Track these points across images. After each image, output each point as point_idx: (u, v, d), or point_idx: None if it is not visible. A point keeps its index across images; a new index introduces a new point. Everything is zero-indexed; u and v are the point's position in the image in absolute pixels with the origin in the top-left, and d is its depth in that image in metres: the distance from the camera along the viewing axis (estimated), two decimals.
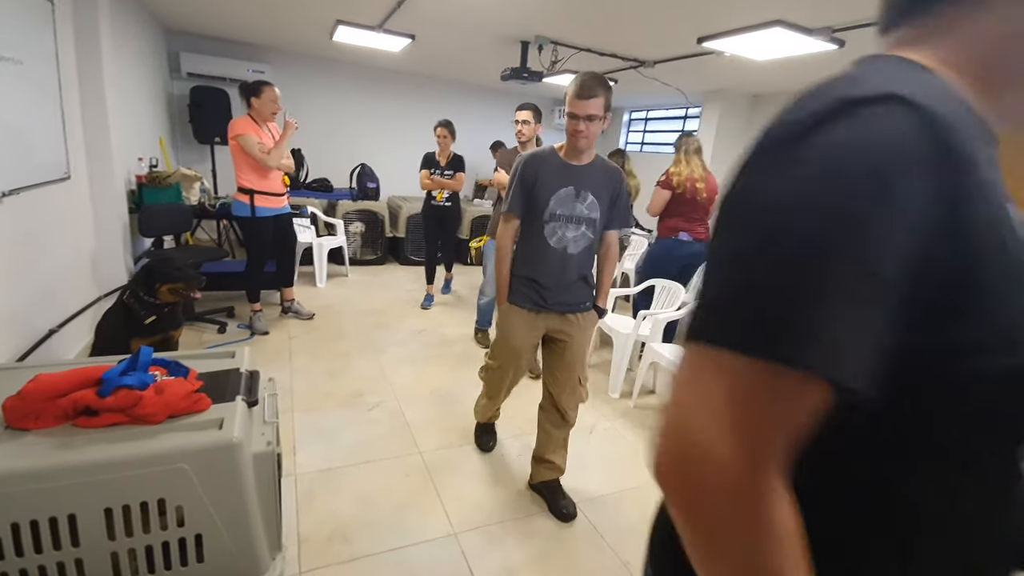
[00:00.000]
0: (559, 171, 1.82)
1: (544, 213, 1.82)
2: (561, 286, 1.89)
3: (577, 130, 1.72)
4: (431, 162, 4.07)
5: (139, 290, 2.12)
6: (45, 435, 1.07)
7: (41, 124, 2.46)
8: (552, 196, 1.80)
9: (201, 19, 4.53)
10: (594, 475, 2.34)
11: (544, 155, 1.85)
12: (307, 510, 1.94)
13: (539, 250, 1.86)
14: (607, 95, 1.69)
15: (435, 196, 4.10)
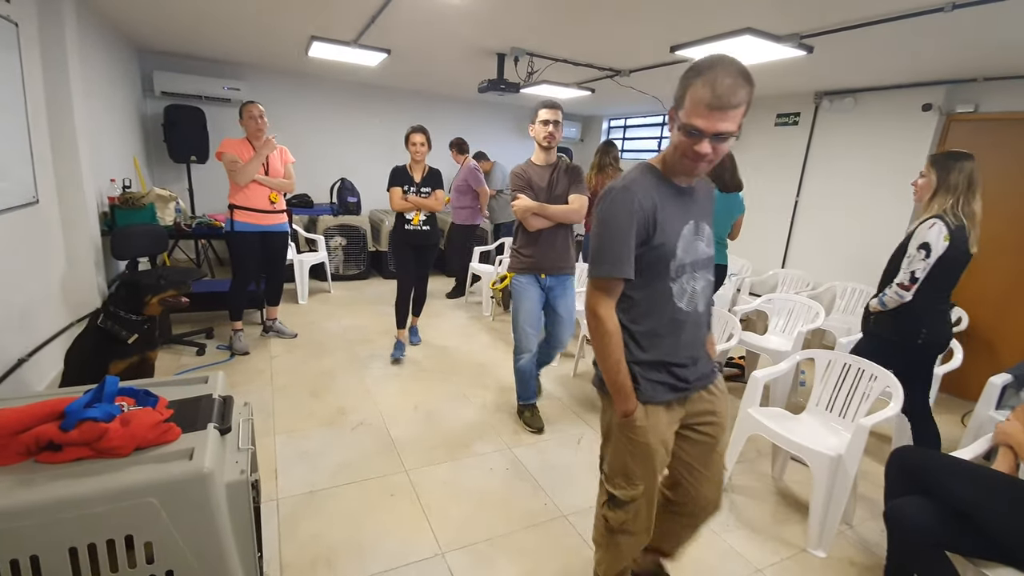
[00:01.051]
0: (675, 201, 1.28)
1: (671, 267, 1.27)
2: (701, 358, 1.38)
3: (701, 154, 1.15)
4: (403, 177, 3.38)
5: (120, 309, 2.08)
6: (5, 473, 1.02)
7: (6, 148, 2.40)
8: (679, 240, 1.27)
9: (174, 38, 4.48)
10: (581, 486, 2.32)
11: (649, 180, 1.27)
12: (289, 536, 1.89)
13: (668, 320, 1.29)
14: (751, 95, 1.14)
15: (410, 219, 3.44)
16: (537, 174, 2.55)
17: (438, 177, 3.50)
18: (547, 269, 2.59)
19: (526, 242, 2.59)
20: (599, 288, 1.26)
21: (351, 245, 5.58)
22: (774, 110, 5.14)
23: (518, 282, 2.63)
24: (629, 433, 1.31)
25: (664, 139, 6.68)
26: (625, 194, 1.23)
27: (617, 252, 1.23)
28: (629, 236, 1.22)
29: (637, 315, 1.30)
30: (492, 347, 3.98)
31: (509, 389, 3.24)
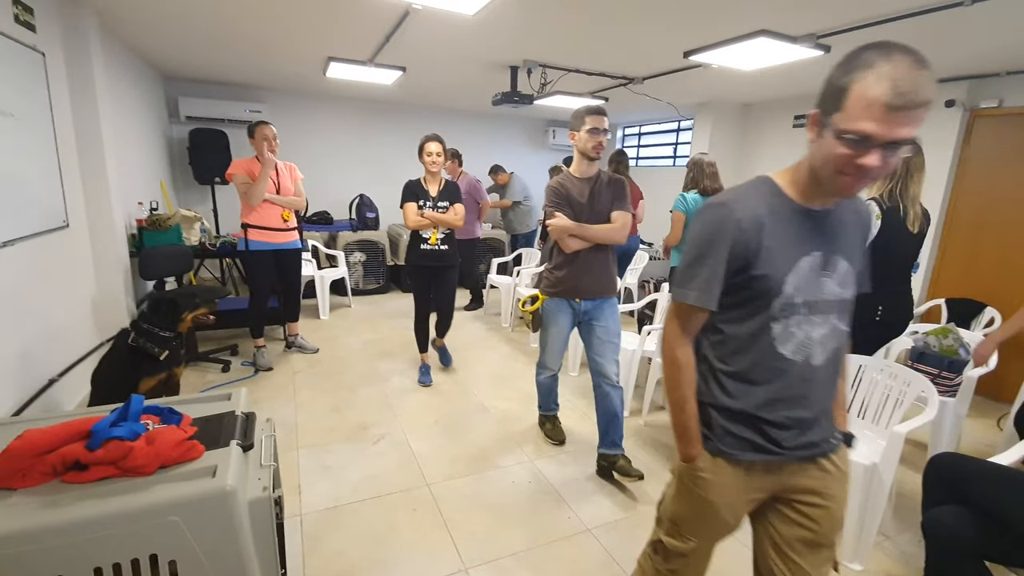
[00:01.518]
0: (794, 225, 1.03)
1: (775, 305, 1.03)
2: (813, 422, 1.09)
3: (867, 168, 0.90)
4: (418, 192, 3.13)
5: (155, 326, 2.14)
6: (31, 494, 1.04)
7: (38, 175, 2.49)
8: (790, 273, 1.02)
9: (197, 65, 4.63)
10: (606, 499, 2.27)
11: (759, 197, 1.05)
12: (313, 552, 1.89)
13: (765, 366, 1.06)
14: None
15: (427, 238, 3.16)
16: (576, 188, 2.29)
17: (456, 190, 3.23)
18: (582, 293, 2.34)
19: (561, 263, 2.34)
20: (677, 313, 1.10)
21: (370, 260, 5.64)
22: (791, 111, 5.06)
23: (549, 306, 2.42)
24: (689, 481, 1.13)
25: (681, 145, 6.63)
26: (721, 211, 1.02)
27: (700, 278, 1.04)
28: (718, 261, 1.02)
29: (725, 353, 1.09)
30: (512, 358, 3.96)
31: (530, 400, 3.21)
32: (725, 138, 5.48)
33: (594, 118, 2.19)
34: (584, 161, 2.28)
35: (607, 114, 2.24)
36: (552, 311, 2.42)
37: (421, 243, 3.19)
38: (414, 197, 3.13)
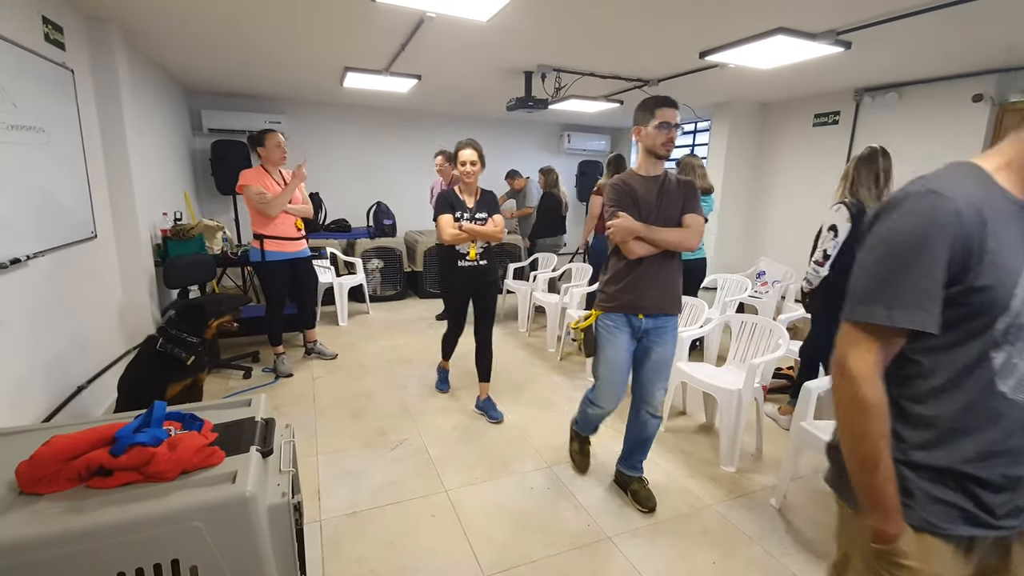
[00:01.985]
0: (1019, 224, 0.81)
1: (998, 325, 0.80)
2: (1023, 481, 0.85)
3: None
4: (453, 203, 2.81)
5: (183, 332, 2.19)
6: (58, 499, 1.05)
7: (67, 187, 2.56)
8: (1018, 284, 0.79)
9: (219, 78, 4.75)
10: (626, 505, 2.24)
11: (975, 186, 0.82)
12: (333, 558, 1.89)
13: (979, 408, 0.83)
14: None
15: (465, 253, 2.84)
16: (643, 187, 2.01)
17: (493, 200, 2.93)
18: (646, 307, 2.04)
19: (621, 273, 2.04)
20: (863, 336, 0.84)
21: (388, 267, 5.69)
22: (811, 110, 4.97)
23: (606, 323, 2.10)
24: (887, 573, 0.86)
25: (698, 147, 6.56)
26: (932, 200, 0.79)
27: (908, 288, 0.79)
28: (935, 265, 0.78)
29: (923, 391, 0.85)
30: (529, 364, 3.95)
31: (547, 405, 3.19)
32: (743, 138, 5.41)
33: (665, 111, 1.91)
34: (650, 159, 2.00)
35: (678, 106, 1.95)
36: (609, 330, 2.09)
37: (459, 259, 2.85)
38: (449, 209, 2.80)
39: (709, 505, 2.27)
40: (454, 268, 2.88)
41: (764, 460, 2.65)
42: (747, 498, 2.33)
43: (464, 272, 2.88)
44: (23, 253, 2.12)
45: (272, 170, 3.40)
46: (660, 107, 1.92)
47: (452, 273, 2.91)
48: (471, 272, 2.89)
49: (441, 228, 2.80)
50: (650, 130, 1.94)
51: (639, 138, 2.00)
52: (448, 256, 2.89)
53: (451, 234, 2.78)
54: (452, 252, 2.86)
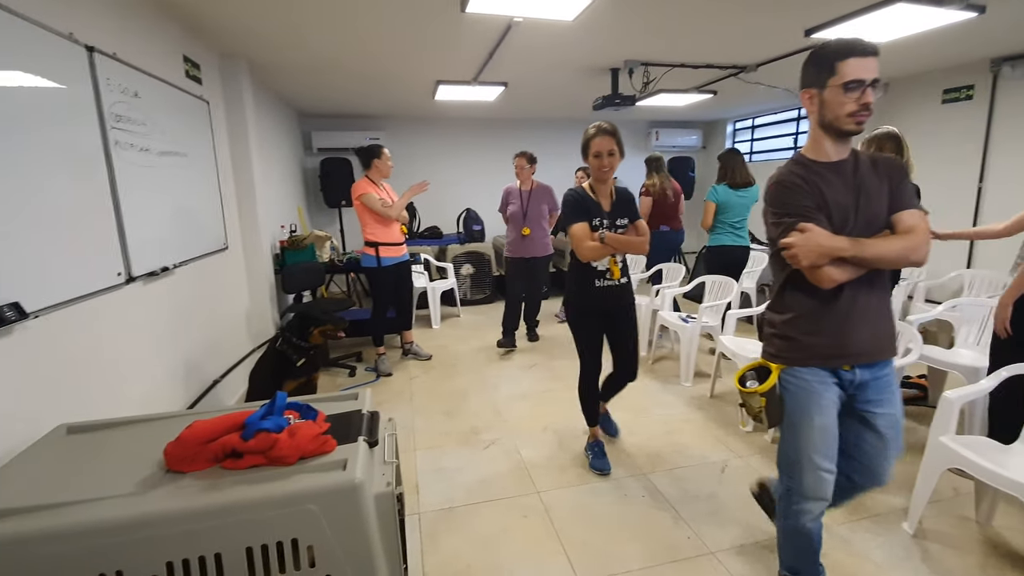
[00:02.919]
0: None
1: None
2: None
3: None
4: (589, 207, 2.22)
5: (292, 336, 2.41)
6: (198, 478, 1.19)
7: (204, 204, 2.92)
8: None
9: (327, 101, 5.19)
10: (731, 521, 2.09)
11: None
12: (431, 550, 1.96)
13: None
14: None
15: (604, 270, 2.24)
16: (831, 178, 1.37)
17: (632, 200, 2.31)
18: (854, 355, 1.42)
19: (813, 309, 1.42)
20: None
21: (477, 271, 5.84)
22: (939, 86, 4.39)
23: (797, 382, 1.44)
24: None
25: (803, 135, 6.04)
26: None
27: None
28: None
29: None
30: None
31: (642, 411, 3.09)
32: None
33: (854, 63, 1.27)
34: (830, 137, 1.37)
35: (877, 52, 1.31)
36: (805, 391, 1.43)
37: (595, 279, 2.25)
38: (584, 215, 2.19)
39: (827, 526, 2.05)
40: (589, 290, 2.27)
41: (894, 479, 2.36)
42: (873, 520, 2.08)
43: (602, 294, 2.27)
44: (171, 262, 2.45)
45: (379, 180, 3.65)
46: (846, 57, 1.28)
47: (586, 296, 2.29)
48: (611, 293, 2.27)
49: (578, 242, 2.16)
50: (833, 92, 1.31)
51: (810, 107, 1.38)
52: (581, 276, 2.28)
53: (591, 249, 2.14)
54: (587, 271, 2.25)
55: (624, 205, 2.29)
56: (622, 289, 2.32)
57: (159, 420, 1.48)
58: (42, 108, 1.63)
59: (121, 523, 1.06)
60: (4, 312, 1.40)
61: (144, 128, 2.25)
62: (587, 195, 2.26)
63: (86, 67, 1.87)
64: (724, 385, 3.43)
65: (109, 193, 1.96)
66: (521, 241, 4.14)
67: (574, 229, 2.20)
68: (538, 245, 4.17)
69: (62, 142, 1.71)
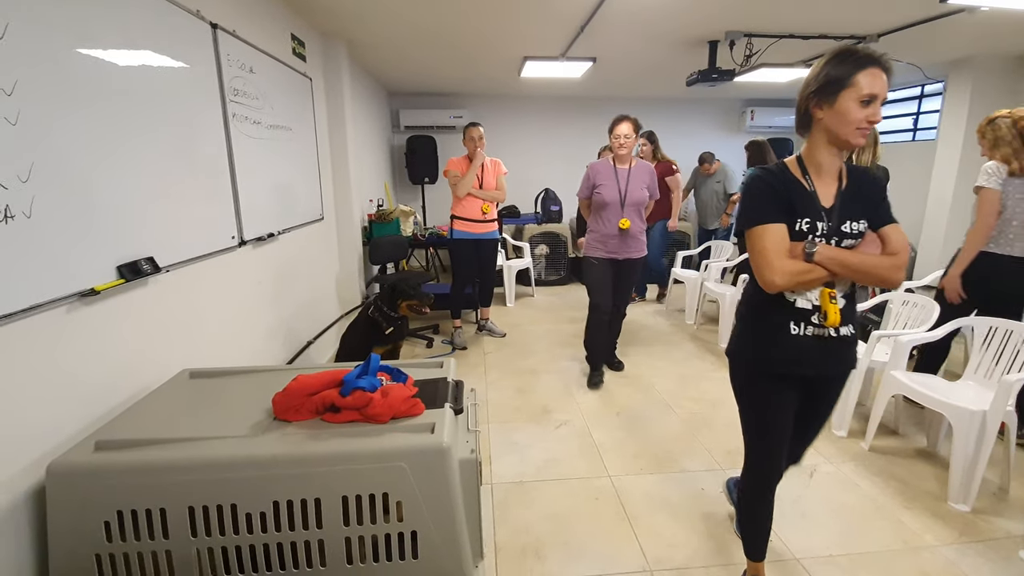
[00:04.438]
0: None
1: None
2: None
3: None
4: (793, 197, 1.33)
5: (384, 305, 2.55)
6: (301, 427, 1.29)
7: (304, 177, 3.10)
8: None
9: (415, 79, 5.31)
10: (820, 528, 1.96)
11: None
12: (502, 520, 2.01)
13: None
14: None
15: (813, 312, 1.34)
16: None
17: (877, 195, 1.39)
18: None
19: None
20: None
21: (553, 252, 5.81)
22: None
23: None
24: None
25: (925, 115, 5.40)
26: None
27: None
28: None
29: None
30: (697, 357, 3.70)
31: (718, 403, 2.96)
32: (990, 104, 4.25)
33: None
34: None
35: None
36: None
37: (791, 322, 1.37)
38: (784, 213, 1.32)
39: (932, 546, 1.87)
40: (780, 339, 1.37)
41: (1011, 502, 2.11)
42: (986, 545, 1.87)
43: (802, 350, 1.36)
44: (276, 229, 2.63)
45: (474, 156, 3.69)
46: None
47: (774, 350, 1.39)
48: (818, 350, 1.37)
49: (765, 256, 1.29)
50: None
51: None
52: (765, 314, 1.40)
53: (790, 272, 1.28)
54: (775, 307, 1.37)
55: (862, 199, 1.35)
56: (840, 345, 1.37)
57: (267, 372, 1.61)
58: (172, 81, 1.78)
59: (236, 461, 1.17)
60: (142, 265, 1.57)
61: (257, 102, 2.41)
62: (792, 176, 1.34)
63: (210, 42, 2.02)
64: None
65: (228, 163, 2.13)
66: (616, 237, 3.04)
67: (765, 235, 1.29)
68: (637, 243, 3.11)
69: (189, 114, 1.87)
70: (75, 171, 1.33)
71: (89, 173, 1.38)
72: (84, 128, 1.36)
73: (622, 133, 2.90)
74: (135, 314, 1.59)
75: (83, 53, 1.37)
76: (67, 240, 1.30)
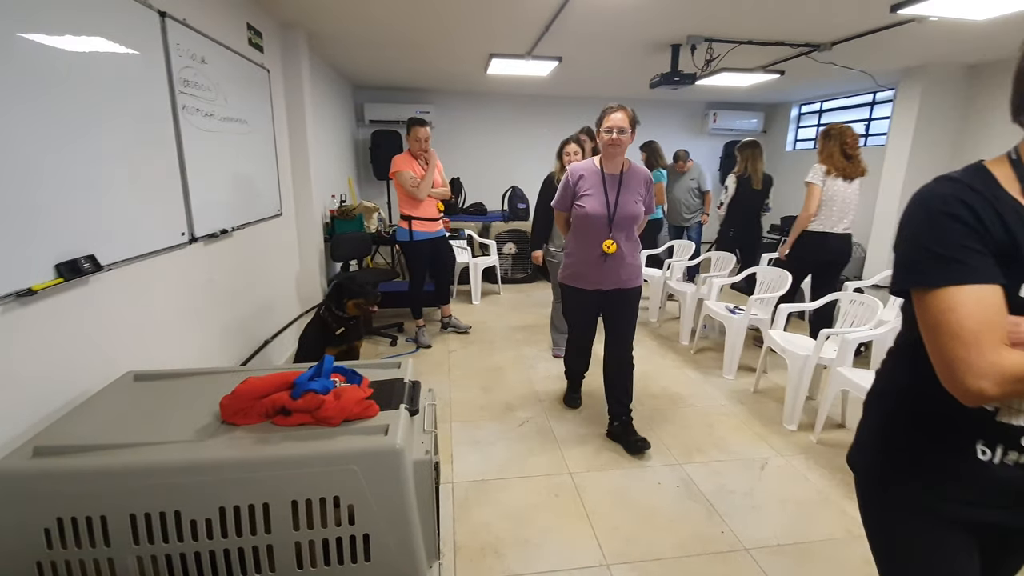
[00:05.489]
0: None
1: None
2: None
3: None
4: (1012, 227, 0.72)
5: (332, 305, 2.48)
6: (250, 431, 1.25)
7: (261, 171, 3.01)
8: None
9: (380, 73, 5.22)
10: (769, 520, 2.04)
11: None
12: (462, 519, 2.01)
13: None
14: None
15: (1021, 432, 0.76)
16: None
17: None
18: None
19: None
20: None
21: (520, 250, 5.83)
22: None
23: None
24: None
25: (876, 120, 5.65)
26: None
27: None
28: None
29: None
30: (659, 354, 3.78)
31: (678, 400, 3.03)
32: (940, 111, 4.51)
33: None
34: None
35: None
36: None
37: (985, 443, 0.80)
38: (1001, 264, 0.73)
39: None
40: (964, 469, 0.82)
41: None
42: None
43: (997, 491, 0.82)
44: (230, 225, 2.55)
45: (419, 156, 3.67)
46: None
47: (951, 488, 0.85)
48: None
49: (965, 345, 0.71)
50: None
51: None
52: (938, 424, 0.85)
53: (1017, 376, 0.69)
54: (963, 419, 0.80)
55: None
56: None
57: (216, 374, 1.56)
58: (117, 70, 1.70)
59: (180, 466, 1.13)
60: (81, 264, 1.49)
61: (210, 94, 2.33)
62: (1007, 195, 0.75)
63: (158, 31, 1.93)
64: (769, 381, 3.32)
65: (176, 156, 2.05)
66: (600, 264, 2.37)
67: (952, 303, 0.73)
68: (629, 270, 2.42)
69: (135, 105, 1.79)
70: (10, 163, 1.26)
71: (25, 166, 1.31)
72: (20, 118, 1.29)
73: (615, 125, 2.24)
74: (76, 314, 1.51)
75: (25, 39, 1.29)
76: (1, 237, 1.23)
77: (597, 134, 2.37)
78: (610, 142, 2.28)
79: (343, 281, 2.53)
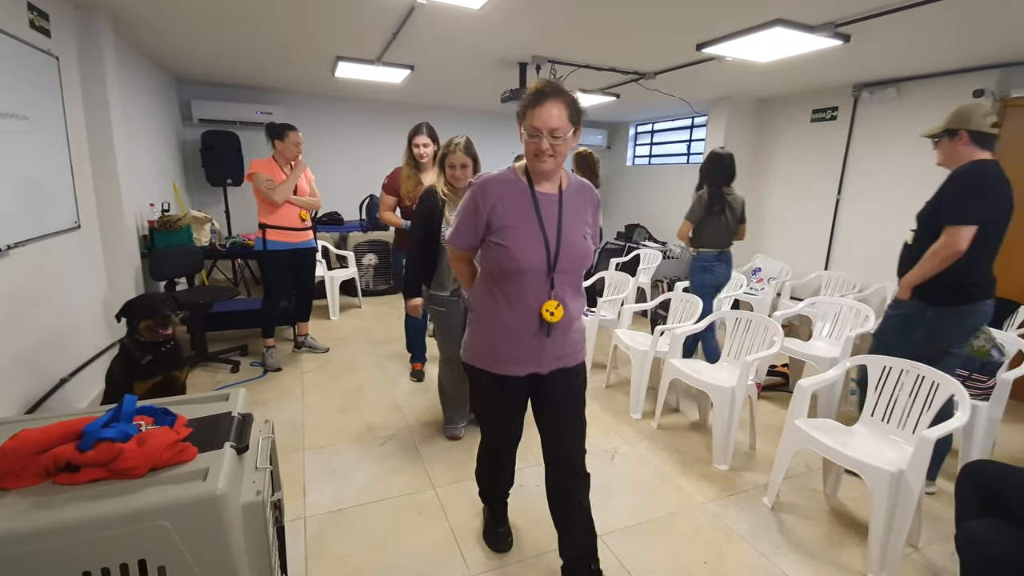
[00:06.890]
0: None
1: None
2: None
3: None
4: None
5: (130, 330, 2.12)
6: (24, 495, 1.01)
7: (49, 176, 2.50)
8: None
9: (210, 68, 4.67)
10: (618, 504, 2.21)
11: None
12: (316, 555, 1.85)
13: None
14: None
15: None
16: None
17: None
18: None
19: None
20: None
21: (382, 261, 5.64)
22: (809, 105, 4.94)
23: None
24: None
25: (695, 142, 6.52)
26: None
27: None
28: None
29: None
30: None
31: None
32: (740, 134, 5.37)
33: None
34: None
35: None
36: None
37: None
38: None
39: (701, 504, 2.24)
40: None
41: (758, 458, 2.63)
42: (740, 496, 2.30)
43: None
44: (6, 243, 2.07)
45: (284, 163, 3.38)
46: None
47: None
48: None
49: None
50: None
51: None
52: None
53: None
54: None
55: None
56: None
57: None
58: None
59: None
60: None
61: None
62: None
63: None
64: (618, 376, 3.62)
65: None
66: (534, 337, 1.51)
67: None
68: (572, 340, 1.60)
69: None
70: None
71: None
72: None
73: (549, 124, 1.34)
74: None
75: None
76: None
77: (520, 136, 1.44)
78: (535, 151, 1.39)
79: (132, 300, 2.18)
